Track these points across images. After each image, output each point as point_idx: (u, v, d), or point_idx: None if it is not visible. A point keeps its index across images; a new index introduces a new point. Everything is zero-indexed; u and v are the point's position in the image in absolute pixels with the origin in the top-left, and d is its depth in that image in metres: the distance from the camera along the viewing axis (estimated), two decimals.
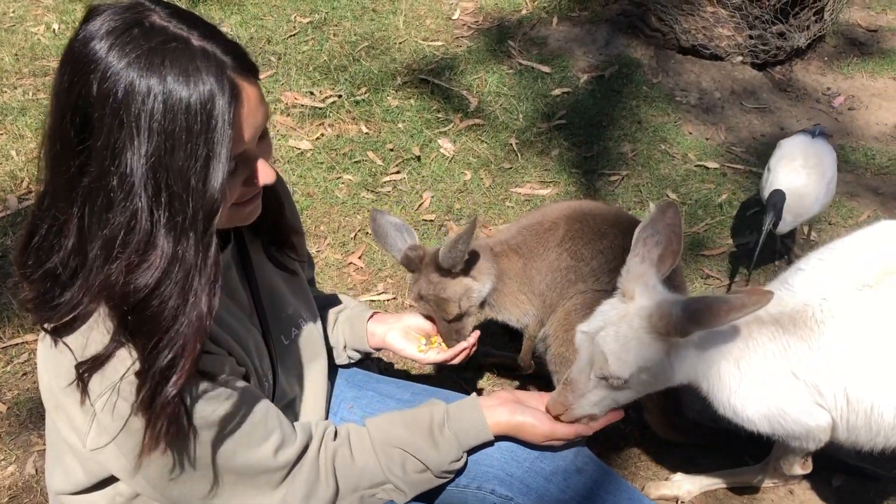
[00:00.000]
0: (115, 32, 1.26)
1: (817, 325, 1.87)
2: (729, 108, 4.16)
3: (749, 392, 1.93)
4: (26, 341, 2.82)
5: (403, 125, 3.90)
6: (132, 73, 1.24)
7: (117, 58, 1.25)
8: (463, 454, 1.69)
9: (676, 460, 2.56)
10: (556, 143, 3.83)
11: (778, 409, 1.93)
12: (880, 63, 4.53)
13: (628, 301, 1.82)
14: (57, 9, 4.54)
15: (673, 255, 1.89)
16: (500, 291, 2.30)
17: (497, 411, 1.71)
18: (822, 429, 1.97)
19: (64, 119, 1.28)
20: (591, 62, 4.34)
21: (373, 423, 1.70)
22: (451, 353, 2.06)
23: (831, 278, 1.91)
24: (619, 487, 1.86)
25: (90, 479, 1.54)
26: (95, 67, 1.25)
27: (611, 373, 1.77)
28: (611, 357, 1.76)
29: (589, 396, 1.81)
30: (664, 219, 1.89)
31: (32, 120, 3.75)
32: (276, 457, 1.52)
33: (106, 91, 1.24)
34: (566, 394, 1.81)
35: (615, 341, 1.77)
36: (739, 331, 1.91)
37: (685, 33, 4.31)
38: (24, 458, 2.51)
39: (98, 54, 1.25)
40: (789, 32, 4.30)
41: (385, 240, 2.23)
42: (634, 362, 1.77)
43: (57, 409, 1.49)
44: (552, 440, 1.75)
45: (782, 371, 1.90)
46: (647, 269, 1.85)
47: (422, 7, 4.74)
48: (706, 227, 3.43)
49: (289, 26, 4.52)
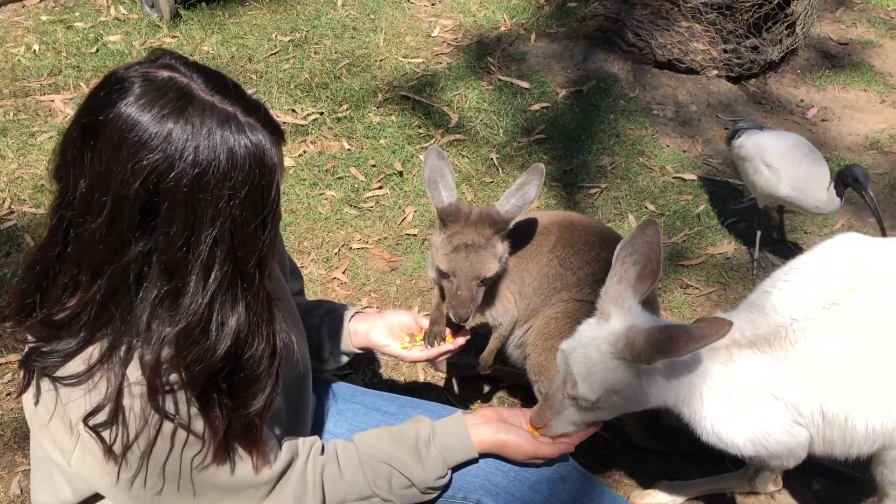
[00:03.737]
0: (165, 114, 1.28)
1: (791, 346, 1.90)
2: (705, 121, 4.23)
3: (733, 417, 1.95)
4: (9, 361, 2.81)
5: (385, 141, 3.93)
6: (196, 155, 1.28)
7: (180, 142, 1.28)
8: (448, 471, 1.71)
9: (660, 468, 2.58)
10: (536, 157, 3.88)
11: (762, 431, 1.96)
12: (851, 75, 4.63)
13: (603, 322, 1.84)
14: (37, 30, 4.54)
15: (652, 274, 1.89)
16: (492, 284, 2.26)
17: (481, 430, 1.74)
18: (801, 446, 2.01)
19: (120, 205, 1.28)
20: (569, 77, 4.40)
21: (360, 438, 1.72)
22: (434, 352, 2.04)
23: (798, 299, 1.94)
24: (602, 495, 1.89)
25: (77, 497, 1.55)
26: (152, 148, 1.27)
27: (579, 394, 1.81)
28: (579, 379, 1.80)
29: (565, 414, 1.84)
30: (643, 236, 1.90)
31: (13, 140, 3.75)
32: (260, 474, 1.53)
33: (177, 179, 1.28)
34: (545, 409, 1.85)
35: (583, 364, 1.81)
36: (719, 354, 1.93)
37: (661, 48, 4.39)
38: (9, 478, 2.50)
39: (152, 140, 1.27)
40: (763, 46, 4.39)
41: (439, 180, 2.11)
42: (601, 386, 1.80)
43: (42, 430, 1.50)
44: (535, 458, 1.78)
45: (763, 393, 1.93)
46: (624, 290, 1.86)
47: (402, 25, 4.79)
48: (685, 237, 3.48)
49: (270, 45, 4.55)
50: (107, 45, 4.45)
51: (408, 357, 2.05)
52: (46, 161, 3.62)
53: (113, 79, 1.32)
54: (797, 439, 1.98)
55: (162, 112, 1.28)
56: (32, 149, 3.73)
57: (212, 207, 1.29)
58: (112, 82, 1.31)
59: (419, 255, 3.34)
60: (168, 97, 1.29)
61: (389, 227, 3.48)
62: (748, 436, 1.97)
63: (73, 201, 1.32)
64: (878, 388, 1.88)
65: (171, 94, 1.29)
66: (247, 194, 1.32)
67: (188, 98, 1.30)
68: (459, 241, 2.08)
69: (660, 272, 1.91)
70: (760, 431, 1.96)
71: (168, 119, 1.27)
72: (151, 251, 1.31)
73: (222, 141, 1.30)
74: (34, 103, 4.02)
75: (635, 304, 1.86)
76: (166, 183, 1.27)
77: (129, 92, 1.29)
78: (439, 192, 2.12)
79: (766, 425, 1.95)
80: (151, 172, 1.26)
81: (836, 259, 1.98)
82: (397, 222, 3.52)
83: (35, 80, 4.18)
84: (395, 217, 3.55)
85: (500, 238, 2.12)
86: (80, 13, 4.70)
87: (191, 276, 1.31)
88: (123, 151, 1.27)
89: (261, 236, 1.36)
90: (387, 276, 3.28)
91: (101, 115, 1.28)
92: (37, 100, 4.04)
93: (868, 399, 1.89)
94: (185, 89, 1.31)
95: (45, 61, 4.28)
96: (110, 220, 1.29)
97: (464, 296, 2.07)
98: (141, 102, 1.28)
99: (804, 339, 1.90)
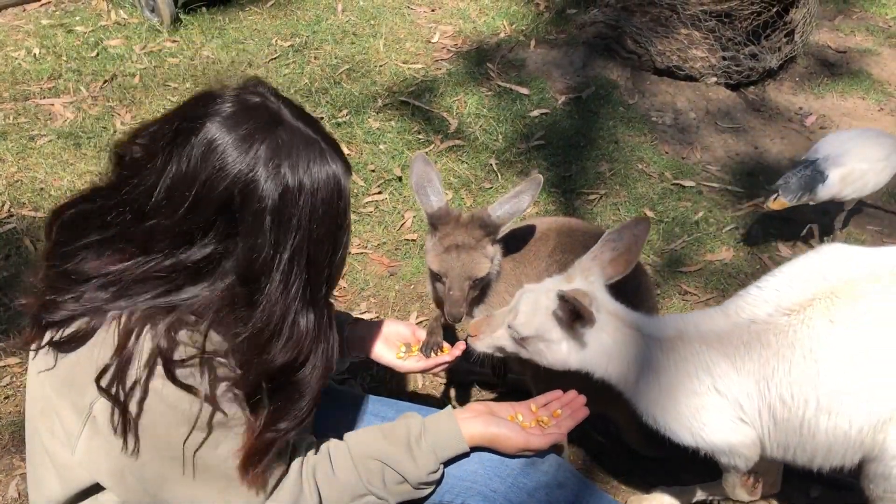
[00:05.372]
0: (253, 127, 1.39)
1: (743, 346, 1.97)
2: (704, 128, 4.25)
3: (669, 403, 2.03)
4: (8, 364, 2.81)
5: (385, 146, 3.94)
6: (276, 168, 1.39)
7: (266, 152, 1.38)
8: (440, 466, 1.72)
9: (657, 474, 2.59)
10: (535, 163, 3.89)
11: (699, 422, 2.03)
12: (850, 83, 4.64)
13: (564, 282, 2.06)
14: (38, 34, 4.55)
15: (625, 263, 2.07)
16: (488, 288, 2.28)
17: (472, 423, 1.75)
18: (746, 445, 2.05)
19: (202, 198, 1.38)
20: (568, 84, 4.41)
21: (351, 437, 1.73)
22: (430, 363, 2.04)
23: (763, 304, 1.99)
24: (601, 501, 1.89)
25: (66, 491, 1.55)
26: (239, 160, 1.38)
27: (514, 324, 2.03)
28: (521, 314, 2.03)
29: (497, 335, 2.08)
30: (633, 229, 2.08)
31: (13, 144, 3.76)
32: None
33: (253, 185, 1.38)
34: (485, 324, 2.11)
35: (531, 304, 2.03)
36: (661, 344, 2.03)
37: (660, 55, 4.40)
38: (7, 481, 2.50)
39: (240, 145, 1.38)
40: (761, 54, 4.41)
41: (426, 185, 2.17)
42: (534, 328, 2.01)
43: (43, 414, 1.50)
44: (526, 450, 1.79)
45: (704, 386, 2.00)
46: (595, 266, 2.07)
47: (402, 30, 4.80)
48: (683, 244, 3.49)
49: (270, 50, 4.56)
50: (107, 49, 4.46)
51: (403, 367, 2.05)
52: (46, 165, 3.64)
53: (208, 95, 1.44)
54: (740, 437, 2.03)
55: (252, 129, 1.39)
56: (32, 152, 3.73)
57: (295, 223, 1.40)
58: (207, 98, 1.43)
59: (418, 260, 3.35)
60: (258, 117, 1.41)
61: (388, 233, 3.49)
62: (685, 424, 2.05)
63: (142, 189, 1.40)
64: (837, 398, 1.89)
65: (262, 114, 1.41)
66: (325, 214, 1.43)
67: (278, 120, 1.42)
68: (450, 241, 2.12)
69: (632, 265, 2.09)
70: (698, 422, 2.03)
71: (257, 135, 1.39)
72: (223, 256, 1.41)
73: (307, 162, 1.40)
74: (34, 107, 4.02)
75: (599, 281, 2.06)
76: (250, 193, 1.37)
77: (223, 109, 1.40)
78: (428, 196, 2.17)
79: (705, 417, 2.03)
80: (236, 181, 1.37)
81: (811, 269, 2.00)
82: (396, 227, 3.53)
83: (35, 83, 4.18)
84: (394, 222, 3.55)
85: (490, 241, 2.14)
86: (80, 17, 4.71)
87: (269, 284, 1.41)
88: (212, 157, 1.37)
89: (334, 255, 1.47)
90: (385, 282, 3.28)
91: (196, 122, 1.39)
92: (37, 103, 4.05)
93: (827, 407, 1.90)
94: (275, 112, 1.43)
95: (46, 65, 4.29)
96: (187, 214, 1.38)
97: (456, 295, 2.10)
98: (233, 120, 1.39)
99: (757, 340, 1.96)
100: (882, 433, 1.89)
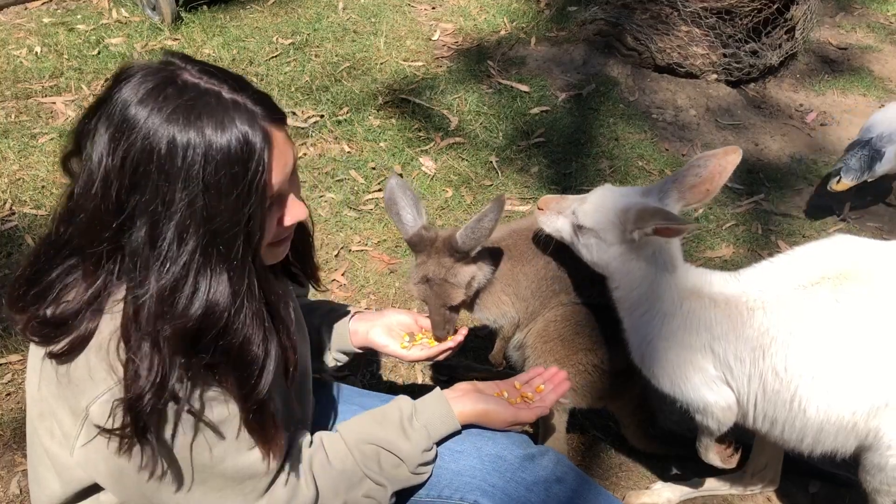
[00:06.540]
0: (152, 93, 1.35)
1: (748, 311, 1.99)
2: (704, 125, 4.25)
3: (661, 347, 2.05)
4: (10, 362, 2.82)
5: (385, 144, 3.95)
6: (172, 129, 1.33)
7: (157, 117, 1.33)
8: (433, 445, 1.73)
9: (656, 469, 2.60)
10: (535, 160, 3.89)
11: (683, 374, 2.06)
12: (850, 80, 4.64)
13: (636, 192, 2.10)
14: (39, 32, 4.56)
15: (705, 192, 2.03)
16: (484, 289, 2.28)
17: (462, 401, 1.78)
18: (721, 407, 2.07)
19: (107, 181, 1.35)
20: (568, 81, 4.42)
21: (344, 426, 1.75)
22: (434, 351, 2.04)
23: (773, 276, 2.02)
24: (599, 496, 1.89)
25: (66, 490, 1.56)
26: (138, 129, 1.33)
27: (578, 211, 2.08)
28: (588, 204, 2.07)
29: (561, 216, 2.11)
30: (721, 159, 2.01)
31: (15, 142, 3.77)
32: (265, 462, 1.55)
33: (150, 150, 1.33)
34: (554, 201, 2.15)
35: (602, 199, 2.07)
36: (680, 292, 2.04)
37: (660, 52, 4.40)
38: (9, 478, 2.51)
39: (137, 116, 1.33)
40: (762, 51, 4.41)
41: (399, 211, 2.15)
42: (595, 221, 2.04)
43: (42, 416, 1.51)
44: (514, 424, 1.83)
45: (700, 341, 2.03)
46: (672, 190, 2.05)
47: (402, 28, 4.81)
48: (684, 241, 3.47)
49: (271, 48, 4.57)
50: (108, 47, 4.47)
51: (408, 357, 2.05)
52: (48, 163, 3.65)
53: (120, 70, 1.40)
54: (717, 398, 2.06)
55: (150, 90, 1.35)
56: (34, 150, 3.74)
57: (182, 176, 1.33)
58: (118, 73, 1.40)
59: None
60: (157, 77, 1.36)
61: (389, 230, 3.50)
62: (669, 372, 2.07)
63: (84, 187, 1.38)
64: (834, 377, 1.90)
65: (161, 74, 1.37)
66: (222, 169, 1.35)
67: (172, 79, 1.37)
68: (423, 272, 2.13)
69: (712, 194, 2.05)
70: (682, 374, 2.06)
71: (150, 96, 1.34)
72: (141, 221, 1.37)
73: (202, 118, 1.34)
74: (36, 105, 4.03)
75: (672, 206, 2.04)
76: (145, 153, 1.33)
77: (129, 80, 1.36)
78: (402, 222, 2.15)
79: (690, 370, 2.05)
80: (130, 146, 1.33)
81: (823, 251, 2.03)
82: None
83: (37, 81, 4.19)
84: None
85: (463, 264, 2.14)
86: (81, 16, 4.72)
87: (163, 241, 1.35)
88: (113, 131, 1.34)
89: (242, 211, 1.38)
90: (386, 279, 3.29)
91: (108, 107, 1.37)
92: (38, 102, 4.06)
93: (821, 385, 1.91)
94: (172, 72, 1.38)
95: (47, 63, 4.30)
96: (101, 195, 1.35)
97: (436, 321, 2.10)
98: (133, 85, 1.35)
99: (761, 308, 1.98)
100: (877, 419, 1.89)
